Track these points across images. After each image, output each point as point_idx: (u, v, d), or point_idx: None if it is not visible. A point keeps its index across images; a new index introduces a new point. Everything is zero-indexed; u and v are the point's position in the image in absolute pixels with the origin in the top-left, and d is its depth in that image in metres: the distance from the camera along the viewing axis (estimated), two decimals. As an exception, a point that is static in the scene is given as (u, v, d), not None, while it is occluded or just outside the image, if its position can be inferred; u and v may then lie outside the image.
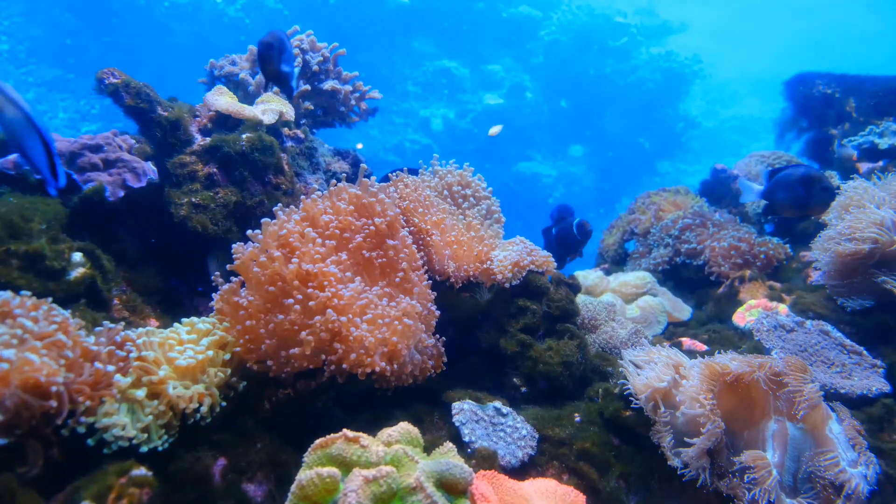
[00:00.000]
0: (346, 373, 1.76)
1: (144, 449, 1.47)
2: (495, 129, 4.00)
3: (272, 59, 2.15)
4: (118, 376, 1.50)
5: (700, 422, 1.69)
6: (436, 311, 2.10)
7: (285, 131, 2.87)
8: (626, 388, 1.93)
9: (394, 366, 1.80)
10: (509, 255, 2.31)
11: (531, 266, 2.32)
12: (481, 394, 2.02)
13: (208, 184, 2.41)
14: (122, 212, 2.33)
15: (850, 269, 2.56)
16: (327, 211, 2.01)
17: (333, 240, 1.95)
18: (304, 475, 1.26)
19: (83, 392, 1.43)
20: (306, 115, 3.26)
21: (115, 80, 2.40)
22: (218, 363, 1.74)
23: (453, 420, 1.84)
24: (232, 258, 1.90)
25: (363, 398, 1.97)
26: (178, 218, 2.30)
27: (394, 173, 2.46)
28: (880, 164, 3.58)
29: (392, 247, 2.02)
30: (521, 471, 1.78)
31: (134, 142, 2.46)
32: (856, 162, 3.71)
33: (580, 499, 1.62)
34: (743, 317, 2.84)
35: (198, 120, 2.61)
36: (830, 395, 2.16)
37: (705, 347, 2.67)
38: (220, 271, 1.97)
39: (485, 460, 1.71)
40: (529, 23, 16.73)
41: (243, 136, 2.49)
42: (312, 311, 1.73)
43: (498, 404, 1.94)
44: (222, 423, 1.69)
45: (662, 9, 18.79)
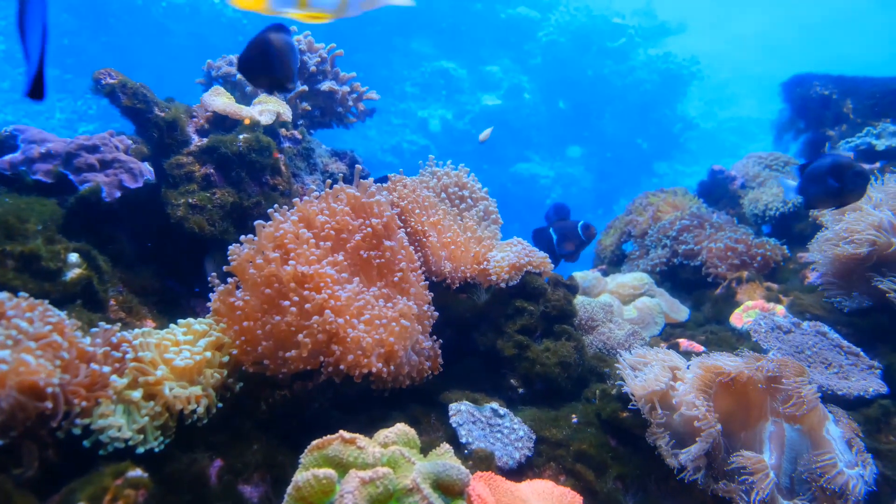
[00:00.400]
0: (342, 374, 1.76)
1: (141, 450, 1.47)
2: (485, 134, 3.99)
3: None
4: (114, 377, 1.50)
5: (697, 424, 1.69)
6: (433, 313, 2.10)
7: (282, 132, 2.86)
8: (623, 389, 1.93)
9: (391, 367, 1.80)
10: (507, 256, 2.31)
11: (528, 267, 2.32)
12: (478, 395, 2.02)
13: (205, 184, 2.40)
14: (119, 212, 2.32)
15: (848, 271, 2.56)
16: (323, 212, 2.01)
17: (329, 241, 1.94)
18: (300, 476, 1.25)
19: (79, 393, 1.42)
20: (304, 116, 3.26)
21: (111, 81, 2.39)
22: (214, 364, 1.73)
23: (450, 421, 1.83)
24: (229, 259, 1.89)
25: (360, 399, 1.97)
26: (174, 219, 2.30)
27: (391, 175, 2.46)
28: (877, 165, 3.58)
29: (389, 248, 2.01)
30: (518, 472, 1.78)
31: (131, 142, 2.45)
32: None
33: (577, 500, 1.61)
34: (740, 318, 2.84)
35: (195, 120, 2.61)
36: (828, 397, 2.16)
37: (703, 348, 2.67)
38: (217, 272, 1.97)
39: (482, 461, 1.70)
40: (527, 24, 16.72)
41: (240, 136, 2.48)
42: (309, 312, 1.73)
43: (495, 405, 1.94)
44: (219, 425, 1.69)
45: (660, 10, 18.80)
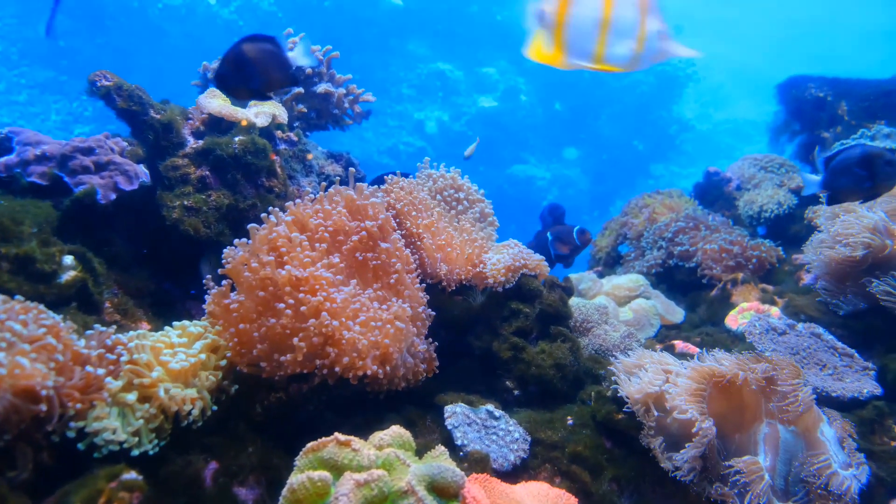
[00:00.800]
0: (337, 376, 1.76)
1: (135, 453, 1.46)
2: (470, 150, 4.01)
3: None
4: (109, 379, 1.50)
5: (691, 426, 1.69)
6: (428, 314, 2.10)
7: (278, 134, 2.87)
8: (618, 391, 1.93)
9: (386, 369, 1.80)
10: (502, 257, 2.32)
11: (524, 269, 2.32)
12: (474, 397, 2.02)
13: (201, 186, 2.40)
14: (114, 214, 2.32)
15: (843, 273, 2.57)
16: (317, 215, 2.01)
17: (324, 243, 1.94)
18: (295, 479, 1.25)
19: (73, 396, 1.42)
20: (299, 118, 3.26)
21: (107, 83, 2.39)
22: (210, 366, 1.73)
23: (446, 423, 1.83)
24: (223, 262, 1.89)
25: (355, 402, 1.97)
26: (170, 221, 2.29)
27: (388, 175, 2.46)
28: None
29: (385, 250, 2.01)
30: (513, 474, 1.78)
31: (126, 144, 2.45)
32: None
33: (572, 502, 1.62)
34: (735, 319, 2.85)
35: (190, 123, 2.61)
36: (822, 398, 2.17)
37: (698, 350, 2.66)
38: (213, 274, 1.97)
39: (477, 463, 1.70)
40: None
41: (236, 138, 2.48)
42: (305, 315, 1.73)
43: (490, 407, 1.94)
44: (214, 427, 1.69)
45: (656, 12, 18.84)
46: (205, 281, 1.91)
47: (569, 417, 2.01)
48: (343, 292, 1.84)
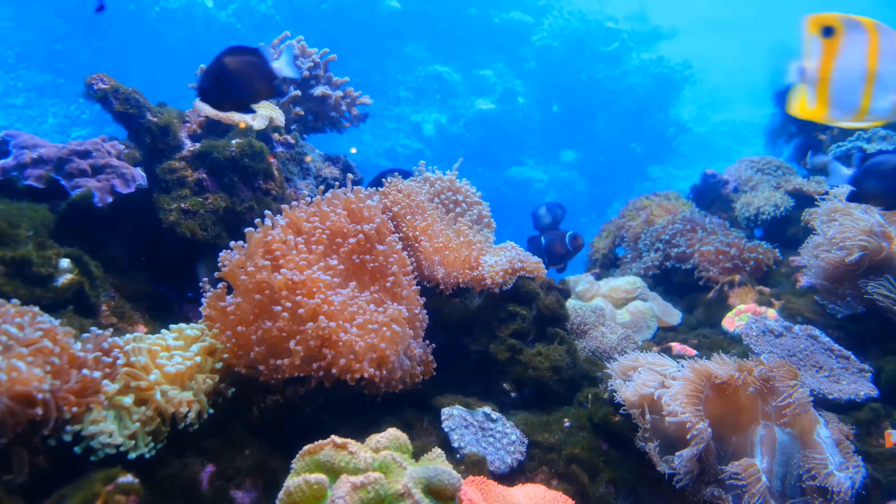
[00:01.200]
0: (334, 378, 1.76)
1: (132, 456, 1.46)
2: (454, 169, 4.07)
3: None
4: (106, 382, 1.49)
5: (687, 428, 1.69)
6: (425, 317, 2.10)
7: (276, 136, 2.87)
8: (615, 393, 1.93)
9: (383, 371, 1.80)
10: (500, 260, 2.32)
11: (522, 271, 2.33)
12: (471, 399, 2.02)
13: (197, 189, 2.40)
14: (111, 217, 2.32)
15: (839, 276, 2.57)
16: (311, 217, 2.01)
17: (321, 245, 1.94)
18: (291, 482, 1.25)
19: (69, 400, 1.42)
20: (297, 121, 3.26)
21: (103, 86, 2.39)
22: (206, 369, 1.73)
23: (443, 426, 1.83)
24: (219, 266, 1.89)
25: (352, 404, 1.97)
26: (166, 224, 2.29)
27: (385, 177, 2.46)
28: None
29: (381, 252, 2.01)
30: (510, 476, 1.78)
31: (123, 147, 2.45)
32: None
33: (569, 504, 1.62)
34: (732, 321, 2.85)
35: (187, 125, 2.61)
36: (819, 400, 2.17)
37: (695, 352, 2.68)
38: (210, 277, 1.97)
39: (474, 466, 1.70)
40: (521, 28, 16.77)
41: (233, 141, 2.48)
42: (303, 318, 1.73)
43: (487, 410, 1.94)
44: (211, 430, 1.69)
45: (653, 15, 18.92)
46: (201, 284, 1.91)
47: (566, 420, 2.02)
48: (341, 295, 1.84)
